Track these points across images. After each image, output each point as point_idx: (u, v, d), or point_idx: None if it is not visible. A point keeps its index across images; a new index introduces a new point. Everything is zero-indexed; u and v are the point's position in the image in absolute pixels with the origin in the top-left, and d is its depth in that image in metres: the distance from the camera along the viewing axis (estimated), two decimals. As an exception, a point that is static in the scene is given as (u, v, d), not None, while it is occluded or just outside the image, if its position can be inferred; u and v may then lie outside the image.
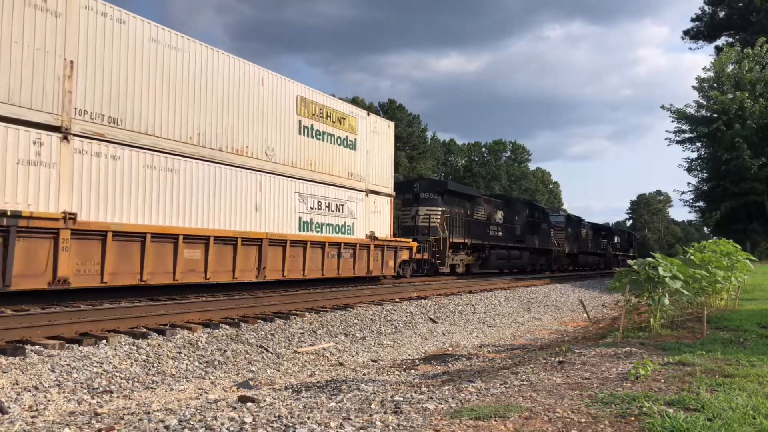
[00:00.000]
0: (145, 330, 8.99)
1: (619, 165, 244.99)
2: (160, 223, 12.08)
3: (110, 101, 11.32)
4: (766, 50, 39.36)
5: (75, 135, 10.65)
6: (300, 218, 16.02)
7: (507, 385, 5.50)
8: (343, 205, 17.68)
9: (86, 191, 10.81)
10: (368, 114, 19.71)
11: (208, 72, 13.41)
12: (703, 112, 42.59)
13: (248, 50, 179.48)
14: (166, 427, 4.50)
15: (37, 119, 10.07)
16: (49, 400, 6.09)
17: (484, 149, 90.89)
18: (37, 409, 5.80)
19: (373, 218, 19.14)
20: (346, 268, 17.41)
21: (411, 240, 21.14)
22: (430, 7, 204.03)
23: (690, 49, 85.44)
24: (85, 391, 6.53)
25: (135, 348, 8.03)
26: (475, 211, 26.36)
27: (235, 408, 5.28)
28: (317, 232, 16.56)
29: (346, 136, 17.99)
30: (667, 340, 7.92)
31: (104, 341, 8.05)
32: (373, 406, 4.88)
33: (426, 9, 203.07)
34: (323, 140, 16.95)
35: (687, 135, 44.78)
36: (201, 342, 8.88)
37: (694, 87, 42.77)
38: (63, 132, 10.45)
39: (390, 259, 19.50)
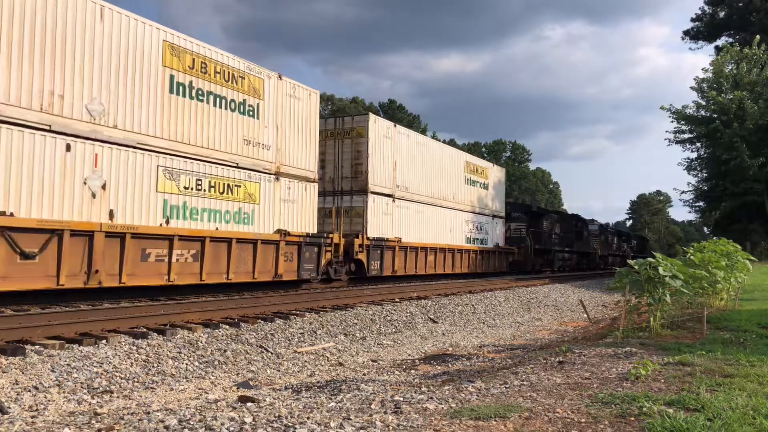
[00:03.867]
0: (145, 330, 8.98)
1: (619, 165, 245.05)
2: (421, 241, 21.92)
3: (404, 177, 21.08)
4: (763, 50, 39.27)
5: (396, 198, 20.51)
6: (466, 235, 25.93)
7: (507, 385, 5.50)
8: (483, 225, 27.92)
9: (400, 226, 20.66)
10: (493, 165, 31.00)
11: (434, 155, 23.48)
12: (702, 112, 42.51)
13: (247, 50, 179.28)
14: (166, 427, 4.50)
15: (387, 192, 20.07)
16: (49, 400, 6.08)
17: (484, 149, 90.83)
18: (37, 409, 5.80)
19: (497, 233, 29.74)
20: (485, 265, 27.57)
21: (514, 247, 31.03)
22: (430, 7, 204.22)
23: (690, 49, 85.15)
24: (85, 391, 6.52)
25: (135, 348, 8.02)
26: (544, 224, 34.66)
27: (235, 408, 5.28)
28: (473, 243, 26.55)
29: (484, 181, 28.45)
30: (667, 340, 7.92)
31: (104, 341, 8.04)
32: (373, 406, 4.88)
33: (426, 9, 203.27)
34: (474, 186, 27.21)
35: (686, 135, 44.71)
36: (201, 342, 8.88)
37: (692, 88, 42.70)
38: (393, 197, 20.38)
39: (504, 260, 29.90)
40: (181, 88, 12.48)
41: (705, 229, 68.01)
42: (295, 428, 4.20)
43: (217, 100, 13.26)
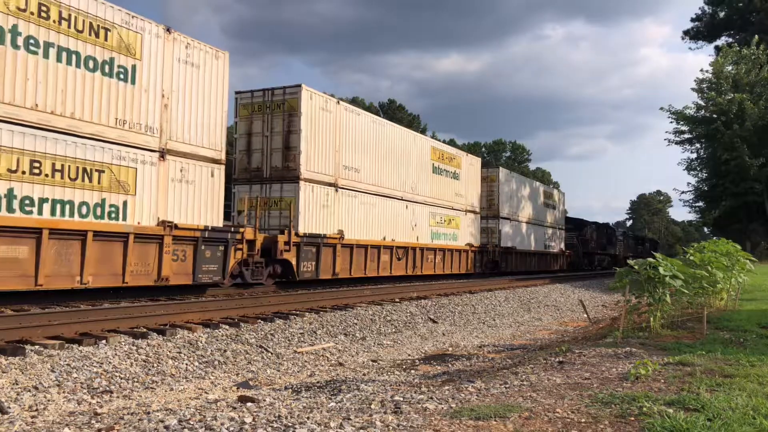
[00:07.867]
0: (145, 330, 8.97)
1: (619, 165, 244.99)
2: (524, 248, 32.17)
3: (515, 205, 31.38)
4: (762, 50, 39.25)
5: (511, 219, 30.85)
6: (545, 243, 35.74)
7: (507, 385, 5.50)
8: (553, 235, 37.11)
9: (515, 238, 31.10)
10: (559, 191, 40.53)
11: (528, 188, 33.93)
12: (702, 112, 42.47)
13: (246, 50, 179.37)
14: (166, 427, 4.50)
15: (507, 216, 30.19)
16: (49, 400, 6.08)
17: (484, 149, 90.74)
18: (37, 409, 5.80)
19: (560, 240, 38.80)
20: (556, 265, 37.32)
21: (569, 251, 39.87)
22: (430, 7, 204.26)
23: (690, 49, 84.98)
24: (85, 391, 6.52)
25: (135, 348, 8.02)
26: (587, 233, 44.01)
27: (235, 408, 5.28)
28: (548, 249, 36.21)
29: (554, 203, 37.84)
30: (667, 340, 7.92)
31: (104, 341, 8.04)
32: (373, 406, 4.88)
33: (426, 9, 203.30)
34: (548, 207, 36.63)
35: (686, 136, 44.68)
36: (201, 342, 8.87)
37: (693, 89, 42.66)
38: (510, 219, 30.55)
39: (564, 261, 39.02)
40: (435, 169, 23.70)
41: (705, 229, 68.10)
42: (295, 428, 4.20)
43: (446, 173, 24.59)
